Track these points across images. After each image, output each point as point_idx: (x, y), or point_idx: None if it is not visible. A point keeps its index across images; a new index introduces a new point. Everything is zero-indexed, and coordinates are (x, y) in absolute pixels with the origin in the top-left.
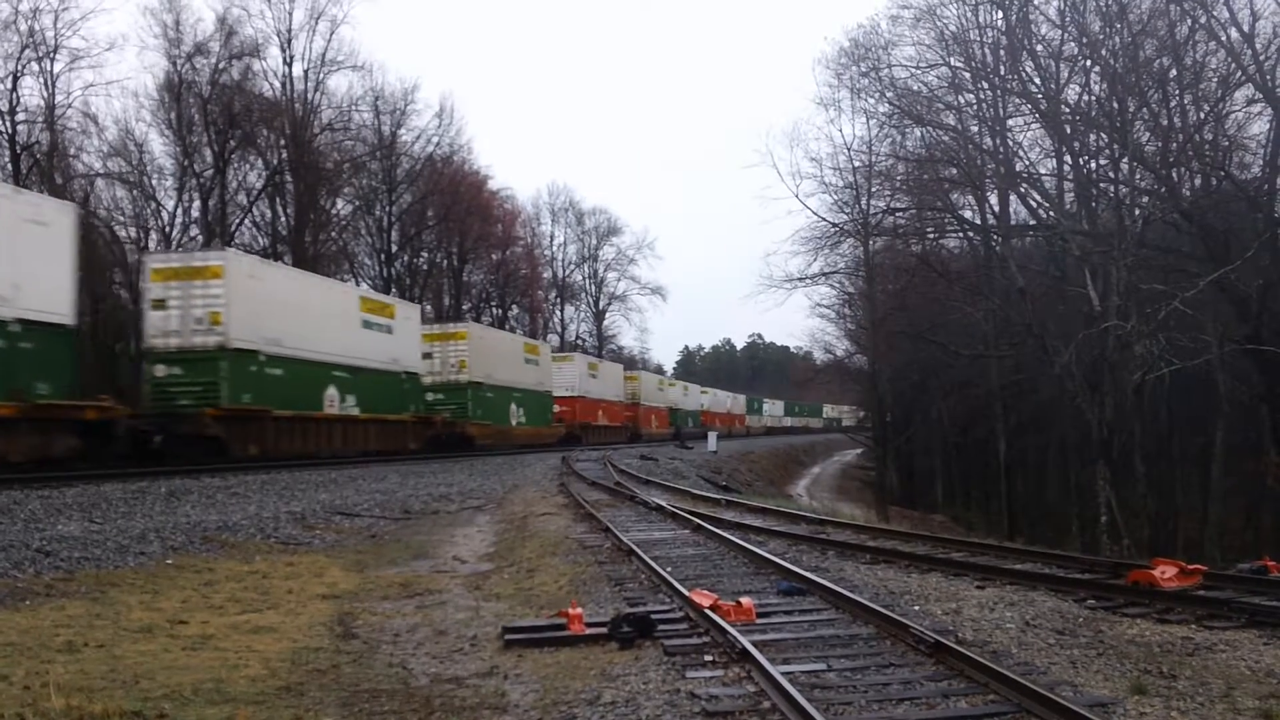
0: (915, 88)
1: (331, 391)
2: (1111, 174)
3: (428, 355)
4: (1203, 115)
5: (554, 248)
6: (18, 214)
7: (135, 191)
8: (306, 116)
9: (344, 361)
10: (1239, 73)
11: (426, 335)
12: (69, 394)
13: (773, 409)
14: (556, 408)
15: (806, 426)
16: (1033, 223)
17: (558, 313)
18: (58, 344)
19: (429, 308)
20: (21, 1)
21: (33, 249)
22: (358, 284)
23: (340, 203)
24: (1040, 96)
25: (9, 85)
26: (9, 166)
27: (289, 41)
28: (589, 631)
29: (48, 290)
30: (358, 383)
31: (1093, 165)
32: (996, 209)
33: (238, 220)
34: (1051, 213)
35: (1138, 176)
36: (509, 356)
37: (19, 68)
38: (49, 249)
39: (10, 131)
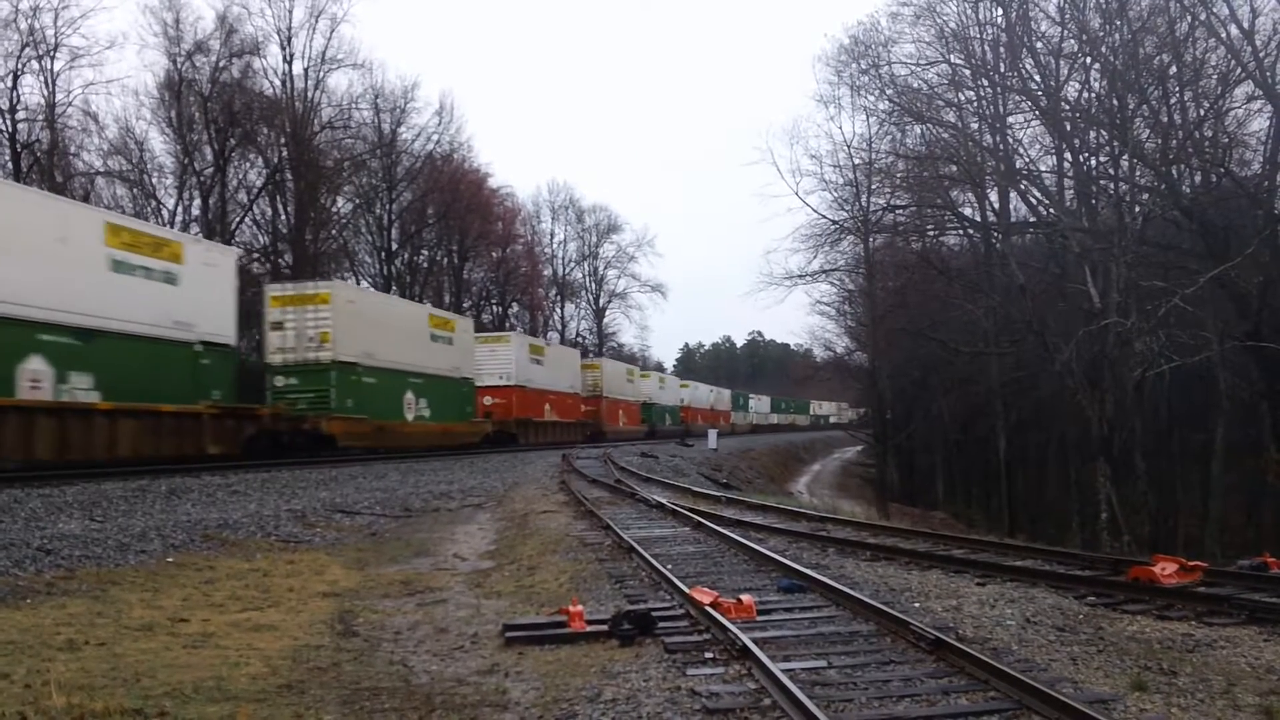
0: (915, 85)
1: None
2: (1111, 171)
3: (278, 325)
4: (1203, 112)
5: (554, 245)
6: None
7: (136, 190)
8: (307, 114)
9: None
10: (1239, 69)
11: (275, 298)
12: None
13: (759, 405)
14: (488, 399)
15: (793, 424)
16: (1033, 220)
17: (558, 310)
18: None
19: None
20: (21, 0)
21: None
22: (359, 282)
23: (340, 201)
24: (1040, 93)
25: (9, 83)
26: (9, 165)
27: (289, 39)
28: (590, 629)
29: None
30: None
31: (1093, 162)
32: (996, 206)
33: (238, 218)
34: (1051, 210)
35: (1138, 173)
36: (402, 330)
37: (19, 66)
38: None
39: (11, 130)
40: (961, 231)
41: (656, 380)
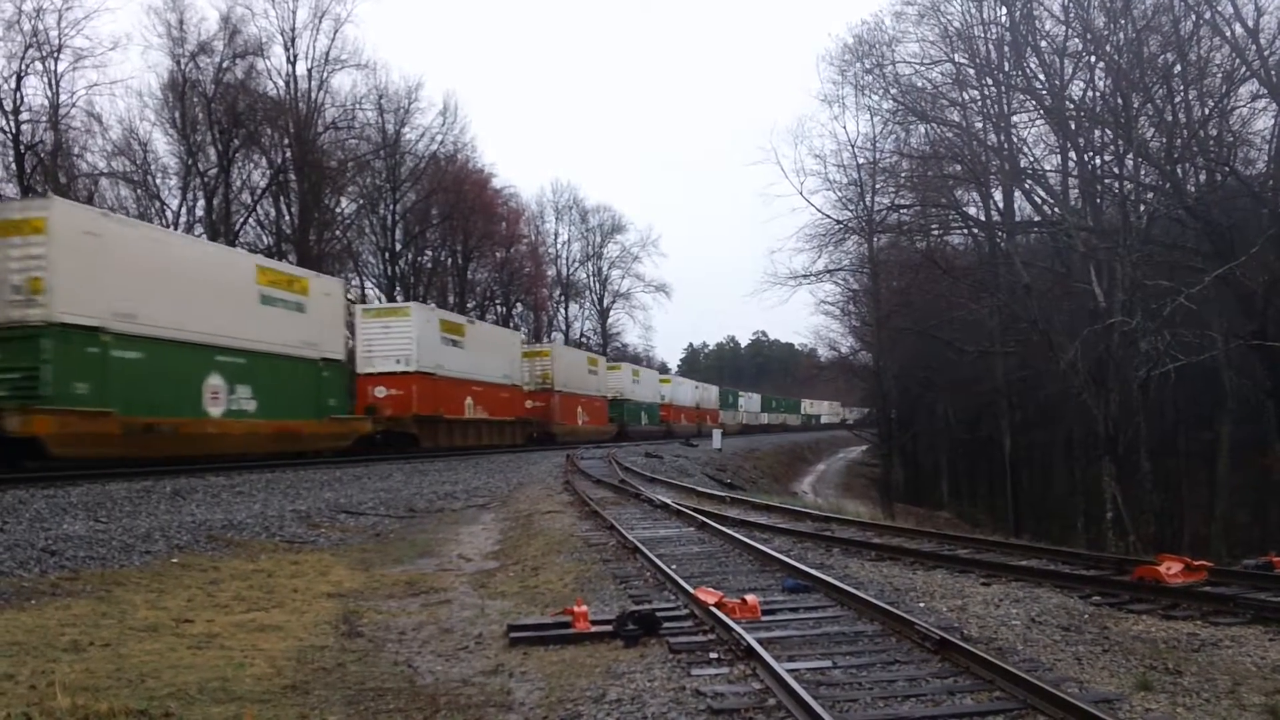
0: (919, 84)
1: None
2: (1116, 170)
3: None
4: (1207, 111)
5: (558, 245)
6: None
7: (140, 191)
8: (310, 115)
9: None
10: (1244, 68)
11: None
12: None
13: (749, 404)
14: (380, 390)
15: (784, 424)
16: (1037, 219)
17: (562, 310)
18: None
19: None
20: (25, 1)
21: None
22: (362, 283)
23: (344, 201)
24: (1044, 92)
25: (13, 85)
26: (13, 166)
27: (293, 40)
28: (594, 629)
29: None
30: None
31: (1097, 161)
32: (1001, 205)
33: (242, 219)
34: (1056, 209)
35: (1142, 172)
36: (204, 285)
37: (23, 67)
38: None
39: (15, 131)
40: (966, 231)
41: (629, 373)
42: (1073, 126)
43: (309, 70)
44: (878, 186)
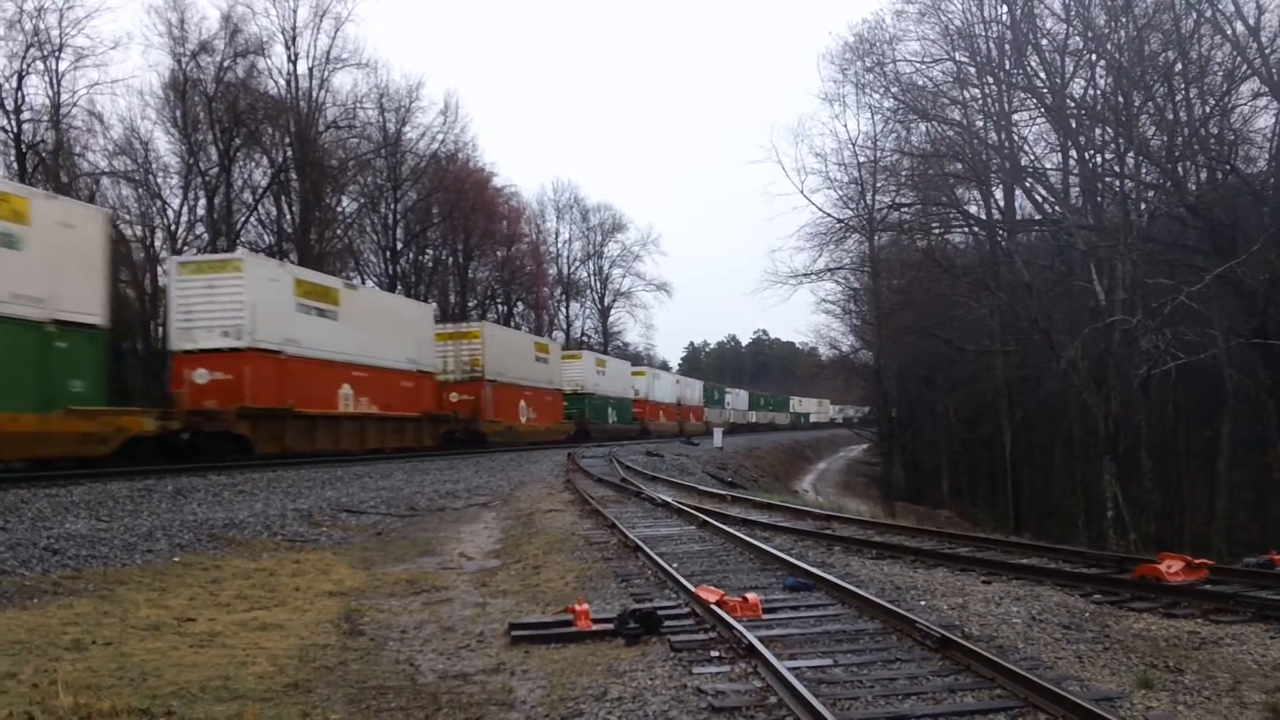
0: (920, 83)
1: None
2: (1117, 168)
3: None
4: (1208, 109)
5: (559, 244)
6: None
7: (141, 190)
8: (311, 114)
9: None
10: (1245, 66)
11: None
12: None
13: (736, 401)
14: (201, 375)
15: (772, 423)
16: (1038, 217)
17: (563, 310)
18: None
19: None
20: (26, 0)
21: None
22: (363, 281)
23: (345, 200)
24: (1045, 91)
25: (14, 84)
26: (15, 165)
27: (293, 39)
28: (595, 628)
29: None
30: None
31: (1098, 160)
32: (1002, 204)
33: (243, 218)
34: (1057, 207)
35: (1143, 171)
36: None
37: (24, 66)
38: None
39: (16, 130)
40: (967, 229)
41: (590, 363)
42: (1073, 125)
43: (310, 69)
44: (878, 185)
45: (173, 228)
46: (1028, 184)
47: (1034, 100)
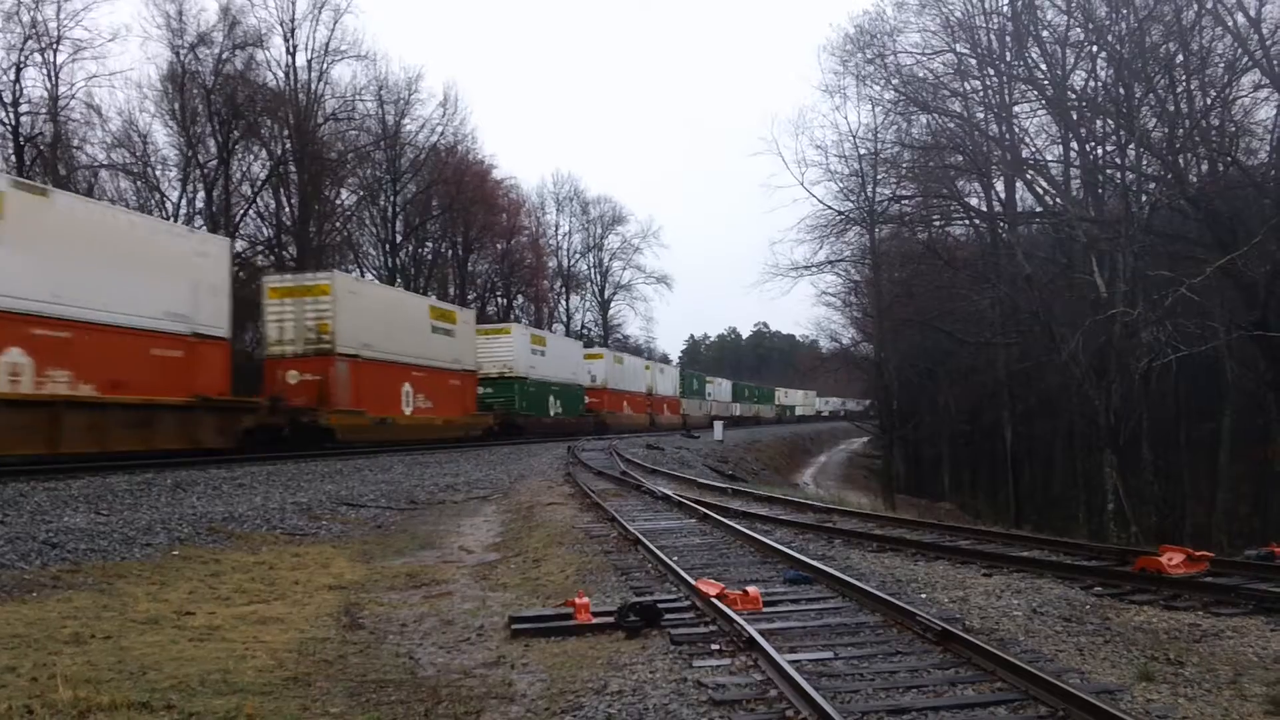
0: (921, 74)
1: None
2: (1118, 160)
3: None
4: (1209, 101)
5: (559, 237)
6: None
7: (139, 182)
8: (310, 106)
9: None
10: (1245, 58)
11: None
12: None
13: (718, 391)
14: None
15: (757, 416)
16: (1039, 209)
17: (563, 302)
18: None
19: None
20: None
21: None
22: (362, 274)
23: (344, 193)
24: (1046, 83)
25: (12, 76)
26: (13, 158)
27: (292, 31)
28: (596, 621)
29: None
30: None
31: (1099, 151)
32: (1002, 196)
33: (242, 211)
34: (1058, 199)
35: (1144, 163)
36: None
37: (22, 59)
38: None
39: (14, 123)
40: (967, 222)
41: (522, 339)
42: (1074, 116)
43: (309, 61)
44: (879, 177)
45: (171, 220)
46: (1028, 176)
47: (1035, 92)
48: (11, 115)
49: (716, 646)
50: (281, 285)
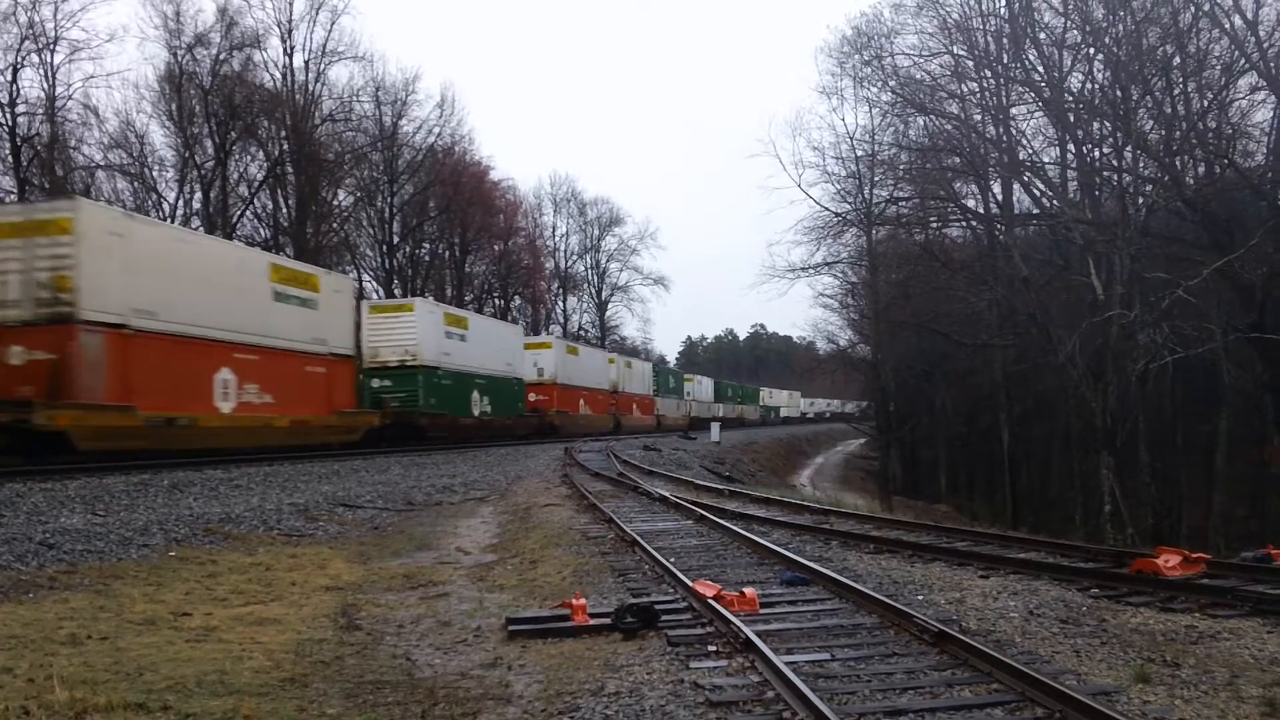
0: (918, 76)
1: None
2: (1115, 162)
3: None
4: (1206, 103)
5: (556, 238)
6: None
7: (136, 183)
8: (307, 107)
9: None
10: (1242, 60)
11: None
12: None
13: (699, 390)
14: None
15: (741, 417)
16: (1036, 211)
17: (560, 304)
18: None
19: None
20: None
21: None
22: (359, 275)
23: (341, 194)
24: (1043, 84)
25: (9, 77)
26: (9, 159)
27: (290, 32)
28: (593, 622)
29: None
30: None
31: (1096, 153)
32: (999, 198)
33: (239, 211)
34: (1055, 201)
35: (1141, 165)
36: None
37: (19, 59)
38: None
39: (10, 124)
40: (964, 223)
41: (430, 318)
42: (1071, 119)
43: (306, 62)
44: (876, 179)
45: (168, 221)
46: (1026, 178)
47: (1032, 94)
48: (8, 116)
49: (713, 648)
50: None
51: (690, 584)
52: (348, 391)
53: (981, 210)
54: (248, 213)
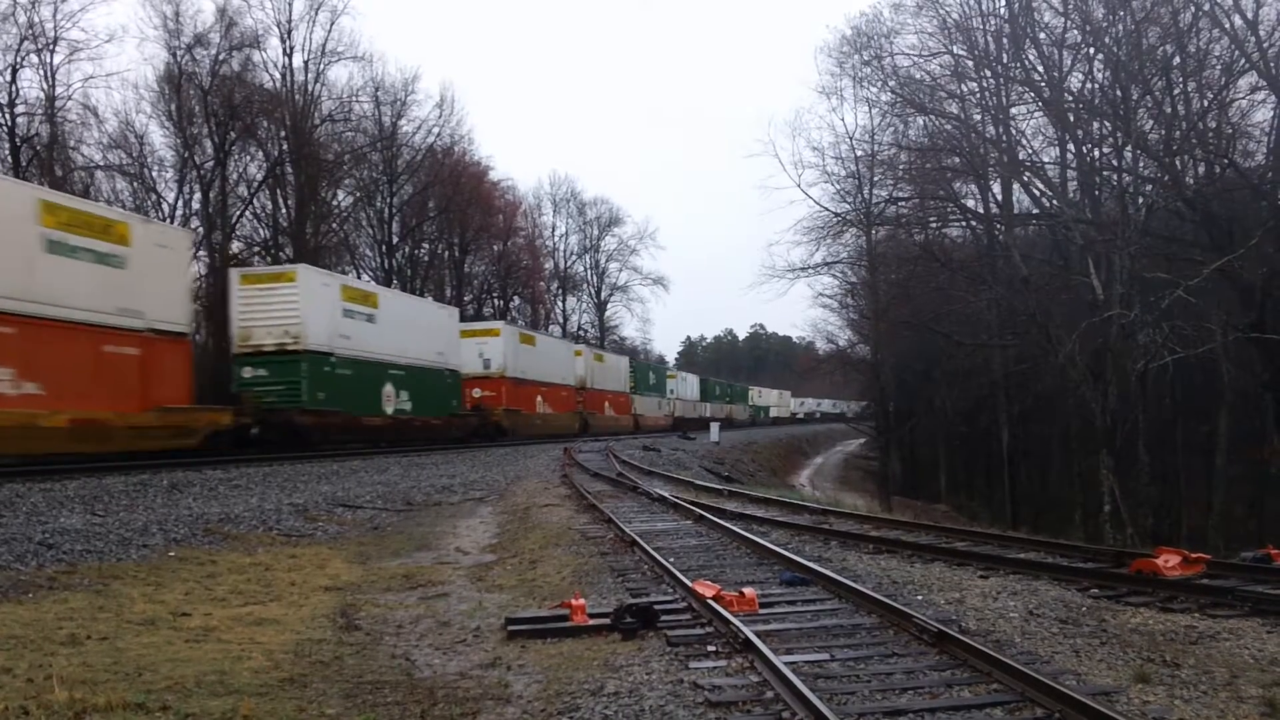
0: (918, 76)
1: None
2: (1115, 162)
3: None
4: (1206, 103)
5: (555, 238)
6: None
7: (136, 183)
8: (307, 107)
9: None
10: (1243, 60)
11: None
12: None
13: (684, 388)
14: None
15: (729, 417)
16: (1036, 211)
17: (559, 304)
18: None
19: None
20: None
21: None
22: (359, 276)
23: (341, 194)
24: (1043, 84)
25: (8, 78)
26: (9, 159)
27: (289, 32)
28: (592, 622)
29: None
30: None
31: (1096, 153)
32: (999, 198)
33: (238, 212)
34: (1055, 201)
35: (1141, 165)
36: None
37: (18, 60)
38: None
39: (10, 124)
40: (964, 223)
41: (324, 294)
42: (1071, 118)
43: (305, 62)
44: (876, 179)
45: (167, 221)
46: (1025, 178)
47: (1032, 94)
48: (7, 116)
49: (713, 648)
50: None
51: (689, 584)
52: (178, 382)
53: (981, 210)
54: (247, 213)
